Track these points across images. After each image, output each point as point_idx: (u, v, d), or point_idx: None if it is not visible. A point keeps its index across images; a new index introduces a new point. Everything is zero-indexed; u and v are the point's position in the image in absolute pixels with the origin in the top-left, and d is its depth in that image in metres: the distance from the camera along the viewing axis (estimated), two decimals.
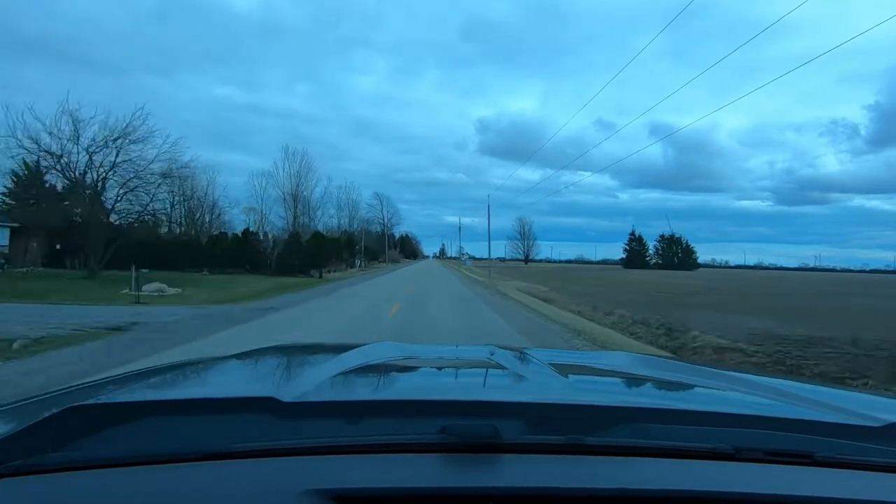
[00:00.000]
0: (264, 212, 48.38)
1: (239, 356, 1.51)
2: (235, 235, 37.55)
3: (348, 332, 9.22)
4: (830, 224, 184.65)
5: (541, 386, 1.10)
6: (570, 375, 1.20)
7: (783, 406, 1.02)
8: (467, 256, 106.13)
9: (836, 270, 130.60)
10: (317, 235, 39.28)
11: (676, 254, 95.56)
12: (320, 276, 33.01)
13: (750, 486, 0.66)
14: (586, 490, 0.64)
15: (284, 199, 50.83)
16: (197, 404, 0.88)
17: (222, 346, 6.89)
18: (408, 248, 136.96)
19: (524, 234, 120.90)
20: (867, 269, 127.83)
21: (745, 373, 1.60)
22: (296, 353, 1.75)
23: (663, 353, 7.75)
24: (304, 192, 51.49)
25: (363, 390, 1.14)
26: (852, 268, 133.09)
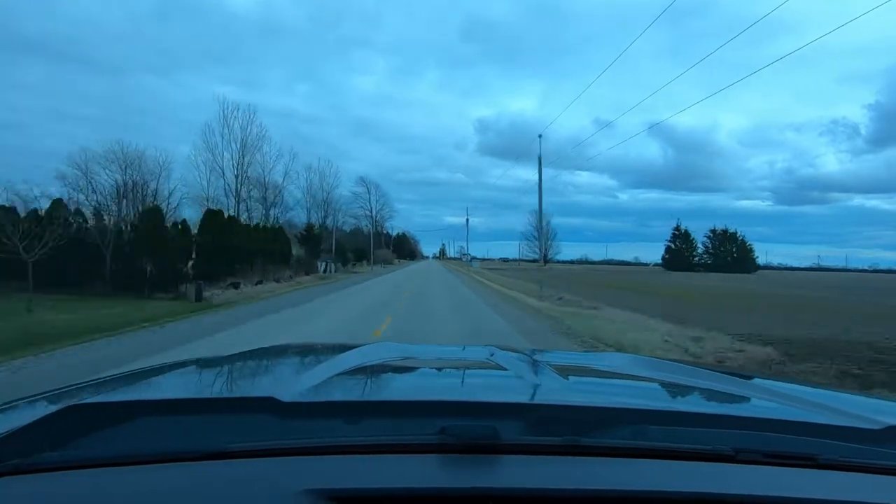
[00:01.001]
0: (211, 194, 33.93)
1: (238, 356, 1.55)
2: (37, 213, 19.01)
3: None
4: (830, 224, 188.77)
5: (540, 387, 1.13)
6: (569, 377, 1.25)
7: (783, 408, 1.06)
8: (470, 257, 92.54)
9: (850, 270, 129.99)
10: (211, 216, 20.99)
11: (730, 253, 78.46)
12: (197, 299, 14.59)
13: (749, 489, 0.70)
14: (585, 491, 0.68)
15: (223, 175, 31.97)
16: (196, 404, 0.92)
17: None
18: (405, 248, 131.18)
19: (542, 232, 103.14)
20: (880, 268, 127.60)
21: (745, 375, 1.59)
22: (295, 353, 1.78)
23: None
24: (256, 171, 37.24)
25: (362, 391, 1.18)
26: (865, 268, 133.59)
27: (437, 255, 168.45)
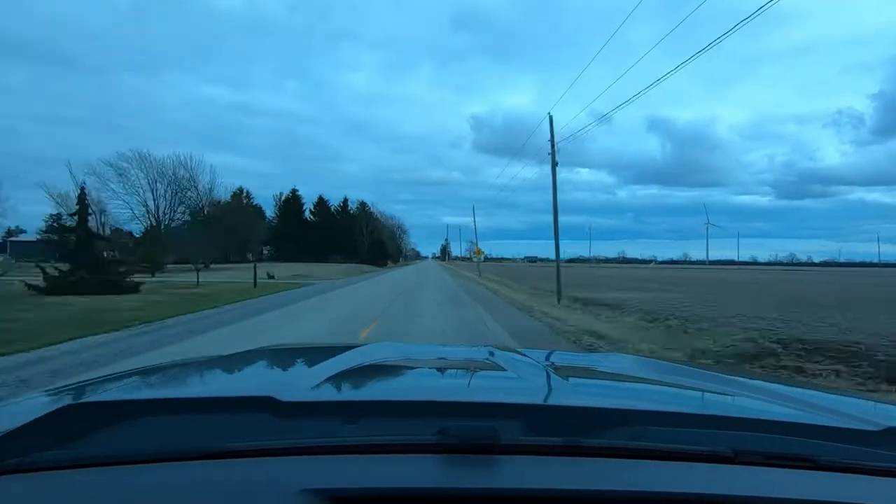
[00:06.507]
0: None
1: (238, 356, 1.55)
2: None
3: None
4: (830, 218, 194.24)
5: (540, 388, 1.13)
6: (569, 378, 1.24)
7: (783, 410, 1.06)
8: (482, 257, 71.15)
9: (871, 265, 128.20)
10: None
11: None
12: None
13: (749, 490, 0.70)
14: (584, 492, 0.68)
15: None
16: (195, 403, 0.92)
17: None
18: (373, 243, 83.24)
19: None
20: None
21: (745, 376, 1.60)
22: (295, 353, 1.78)
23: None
24: None
25: (362, 390, 1.18)
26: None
27: (438, 255, 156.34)
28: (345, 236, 75.11)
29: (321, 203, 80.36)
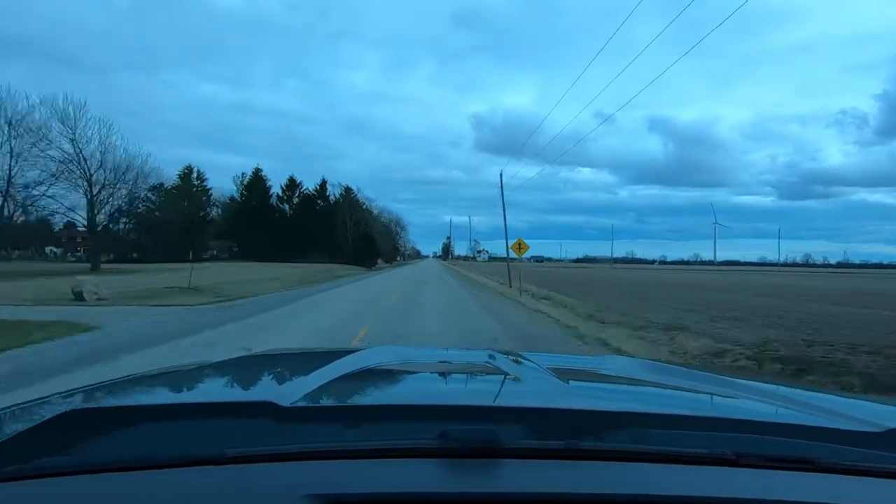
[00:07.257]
0: None
1: (238, 361, 1.55)
2: None
3: None
4: (832, 219, 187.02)
5: (540, 391, 1.14)
6: (570, 381, 1.24)
7: (784, 412, 1.06)
8: (486, 254, 76.78)
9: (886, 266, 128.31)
10: None
11: None
12: None
13: (751, 492, 0.71)
14: (585, 495, 0.69)
15: None
16: (195, 409, 0.92)
17: None
18: (359, 238, 63.86)
19: None
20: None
21: (746, 378, 1.63)
22: (294, 357, 1.78)
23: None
24: None
25: (362, 395, 1.18)
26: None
27: (440, 254, 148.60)
28: (324, 229, 58.47)
29: (292, 186, 63.13)
